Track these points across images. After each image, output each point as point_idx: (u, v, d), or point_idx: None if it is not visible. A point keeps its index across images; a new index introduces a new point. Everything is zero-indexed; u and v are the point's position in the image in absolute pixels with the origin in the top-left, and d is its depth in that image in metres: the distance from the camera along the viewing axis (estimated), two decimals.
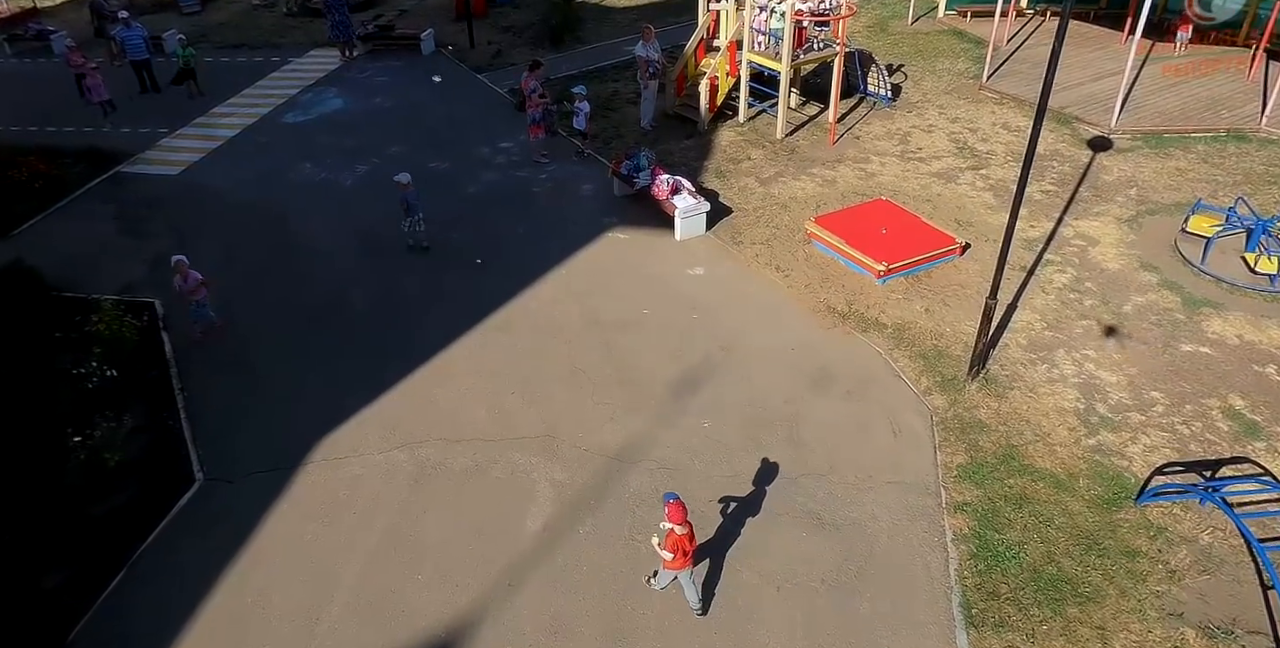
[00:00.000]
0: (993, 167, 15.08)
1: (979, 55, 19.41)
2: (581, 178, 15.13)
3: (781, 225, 13.50)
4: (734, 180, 14.82)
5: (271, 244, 13.67)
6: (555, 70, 19.48)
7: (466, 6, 21.66)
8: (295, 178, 15.60)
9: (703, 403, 10.20)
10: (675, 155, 15.68)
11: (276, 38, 22.70)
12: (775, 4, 15.26)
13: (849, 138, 16.20)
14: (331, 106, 18.41)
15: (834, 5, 15.58)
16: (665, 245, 13.19)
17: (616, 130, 16.72)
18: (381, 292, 12.37)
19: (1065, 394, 10.27)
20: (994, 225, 13.41)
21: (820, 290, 12.04)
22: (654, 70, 16.05)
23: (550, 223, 13.85)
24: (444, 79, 19.59)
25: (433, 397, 10.46)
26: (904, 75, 18.61)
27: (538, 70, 15.05)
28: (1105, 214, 13.73)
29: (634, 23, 22.43)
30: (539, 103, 15.04)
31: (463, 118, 17.54)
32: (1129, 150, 15.51)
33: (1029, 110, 16.88)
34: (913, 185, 14.56)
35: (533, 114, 15.18)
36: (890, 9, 22.53)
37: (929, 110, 17.12)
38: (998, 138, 16.00)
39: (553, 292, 12.21)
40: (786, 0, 15.32)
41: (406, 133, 17.00)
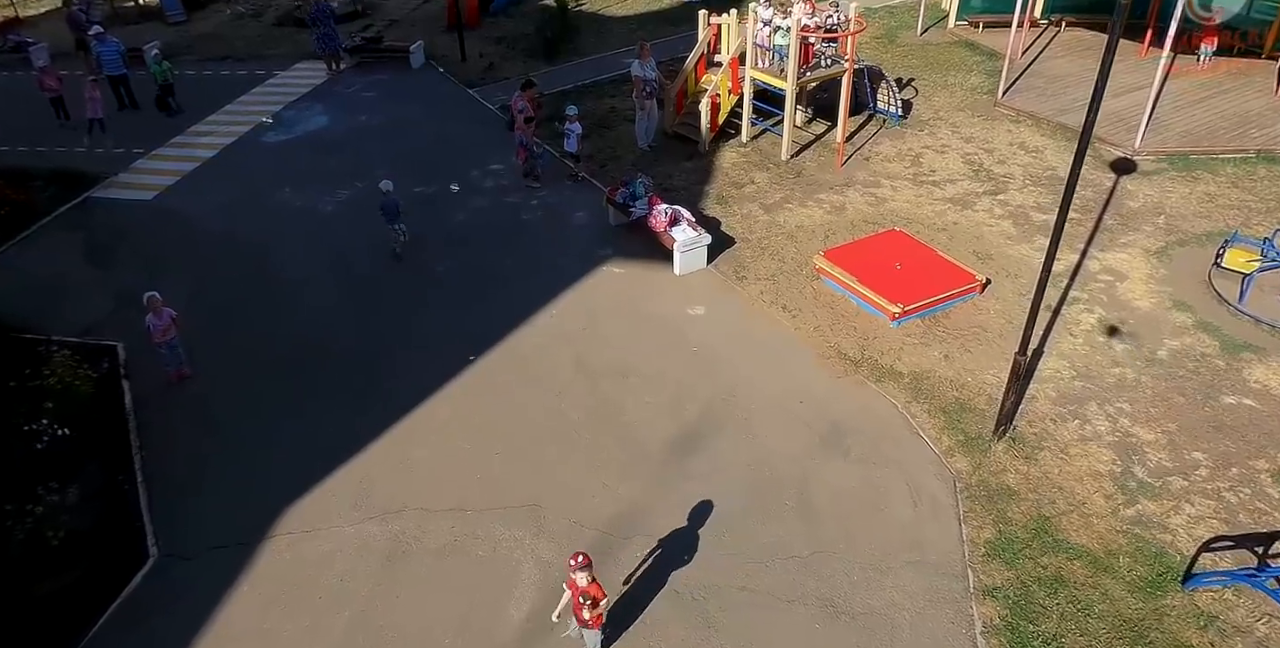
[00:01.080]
0: (1011, 191, 14.13)
1: (992, 68, 18.44)
2: (574, 204, 14.20)
3: (788, 258, 12.56)
4: (737, 207, 13.88)
5: (244, 279, 12.75)
6: (549, 85, 18.52)
7: (458, 17, 20.71)
8: (272, 204, 14.67)
9: (703, 465, 9.28)
10: (675, 178, 14.74)
11: (262, 49, 21.75)
12: (779, 19, 14.31)
13: (858, 159, 15.26)
14: (315, 125, 17.47)
15: (841, 21, 14.63)
16: (663, 281, 12.26)
17: (613, 151, 15.78)
18: (358, 333, 11.46)
19: (1100, 455, 9.34)
20: (1014, 258, 12.48)
21: (830, 333, 11.11)
22: (650, 90, 15.10)
23: (541, 255, 12.91)
24: (432, 93, 18.68)
25: (410, 457, 9.55)
26: (914, 90, 17.65)
27: (530, 90, 14.09)
28: (1133, 245, 12.79)
29: (632, 33, 21.46)
30: (528, 125, 14.11)
31: (451, 137, 16.60)
32: (1154, 173, 14.55)
33: (1046, 129, 15.93)
34: (926, 212, 13.62)
35: (519, 136, 14.25)
36: (899, 19, 21.54)
37: (941, 129, 16.16)
38: (1015, 159, 15.05)
39: (542, 334, 11.29)
40: (791, 15, 14.41)
41: (392, 154, 16.05)
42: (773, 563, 8.22)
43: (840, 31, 14.67)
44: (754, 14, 14.52)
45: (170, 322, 10.51)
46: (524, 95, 14.01)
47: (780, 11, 14.38)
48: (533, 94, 14.12)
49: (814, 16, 14.46)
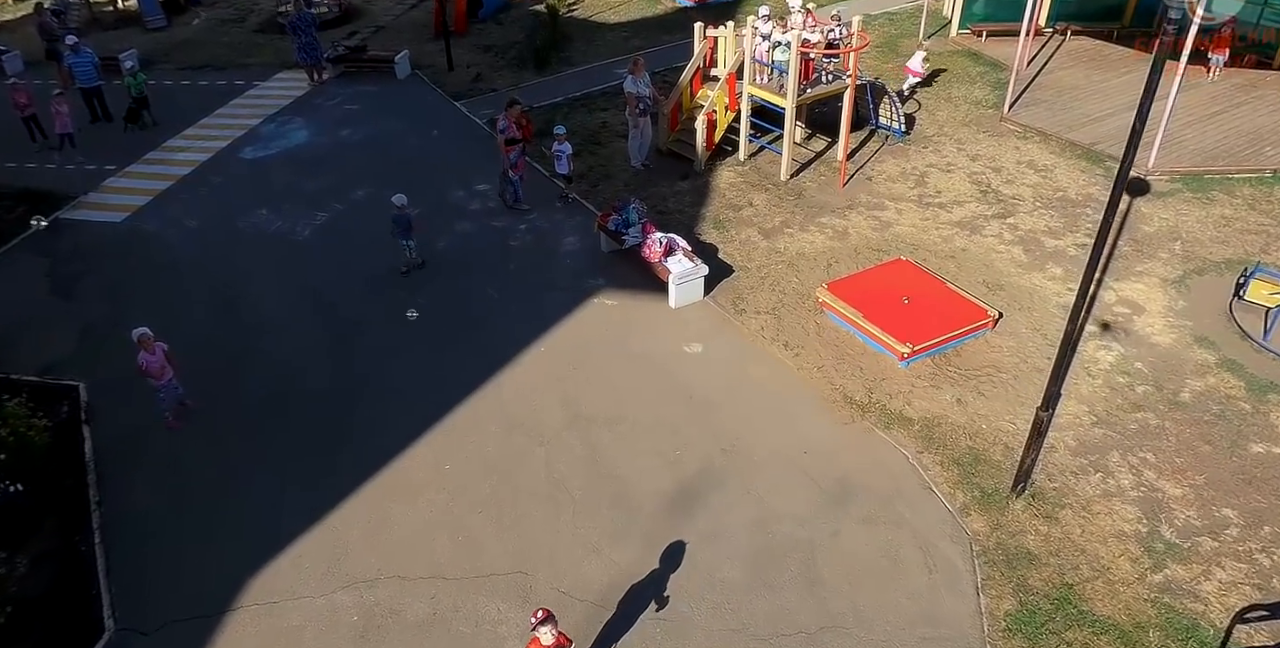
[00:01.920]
0: (1020, 214, 13.48)
1: (997, 80, 17.76)
2: (564, 229, 13.49)
3: (789, 289, 11.90)
4: (734, 232, 13.20)
5: (214, 311, 12.03)
6: (539, 97, 17.80)
7: (444, 24, 19.93)
8: (247, 228, 13.93)
9: (702, 526, 8.63)
10: (669, 200, 14.06)
11: (243, 57, 20.94)
12: (779, 34, 13.61)
13: (860, 178, 14.59)
14: (295, 140, 16.71)
15: (844, 35, 13.94)
16: (658, 315, 11.59)
17: (605, 170, 15.07)
18: (333, 377, 10.75)
19: (1124, 512, 8.72)
20: (1026, 288, 11.84)
21: (835, 374, 10.46)
22: (645, 107, 14.39)
23: (528, 286, 12.22)
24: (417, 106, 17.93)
25: (387, 517, 8.87)
26: (917, 103, 16.97)
27: (513, 109, 13.35)
28: (1149, 274, 12.15)
29: (626, 41, 20.73)
30: (511, 147, 13.38)
31: (436, 154, 15.87)
32: (1168, 194, 13.91)
33: (1055, 146, 15.26)
34: (933, 238, 12.96)
35: (506, 157, 13.53)
36: (900, 26, 20.83)
37: (946, 145, 15.49)
38: (1024, 179, 14.39)
39: (529, 376, 10.62)
40: (791, 30, 13.72)
41: (373, 172, 15.31)
42: (777, 640, 7.58)
43: (842, 47, 13.99)
44: (752, 28, 13.81)
45: (164, 358, 9.81)
46: (507, 115, 13.29)
47: (780, 25, 13.68)
48: (516, 113, 13.38)
49: (815, 31, 13.77)
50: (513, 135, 13.35)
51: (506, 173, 13.70)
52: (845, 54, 14.01)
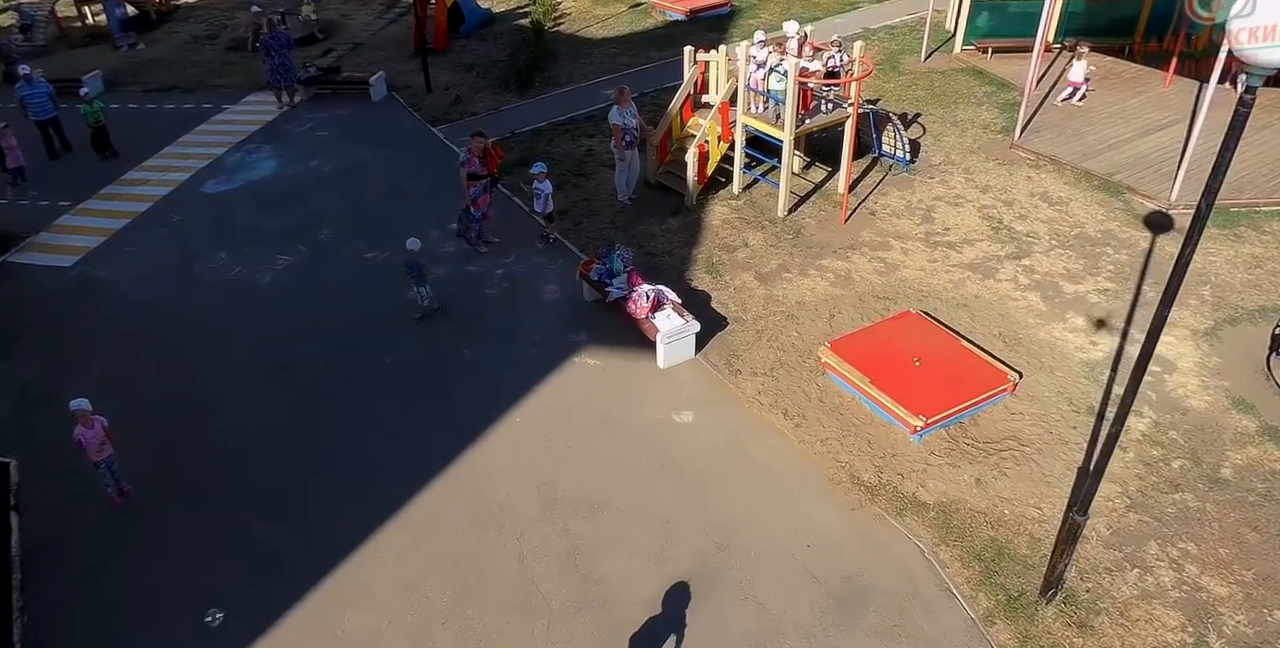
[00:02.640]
0: (1036, 255, 12.45)
1: (1004, 101, 16.71)
2: (545, 274, 12.43)
3: (788, 345, 10.87)
4: (729, 277, 12.17)
5: (165, 372, 10.98)
6: (521, 121, 16.75)
7: (423, 42, 18.82)
8: (205, 273, 12.87)
9: (694, 640, 7.61)
10: (658, 240, 13.01)
11: (213, 78, 19.84)
12: (774, 62, 12.56)
13: (863, 213, 13.55)
14: (261, 171, 15.63)
15: (845, 62, 12.88)
16: (645, 376, 10.55)
17: (589, 205, 14.01)
18: (287, 452, 9.69)
19: (1167, 618, 7.71)
20: (1046, 343, 10.81)
21: (841, 448, 9.43)
22: (631, 139, 13.34)
23: (504, 342, 11.18)
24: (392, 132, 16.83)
25: (339, 628, 7.84)
26: (921, 128, 15.92)
27: (477, 140, 12.26)
28: (1178, 324, 11.13)
29: (613, 59, 19.65)
30: (472, 182, 12.32)
31: (411, 188, 14.79)
32: None
33: (1070, 176, 14.22)
34: (943, 282, 11.94)
35: (471, 191, 12.48)
36: (900, 42, 19.76)
37: (954, 175, 14.45)
38: (1038, 213, 13.36)
39: (502, 452, 9.57)
40: (788, 57, 12.67)
41: (343, 208, 14.25)
42: None
43: (844, 76, 12.93)
44: (747, 55, 12.74)
45: (103, 434, 8.79)
46: (470, 147, 12.19)
47: (776, 51, 12.62)
48: (480, 146, 12.29)
49: (814, 59, 12.72)
50: (474, 170, 12.27)
51: (468, 209, 12.64)
52: (847, 83, 12.96)
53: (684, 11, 21.43)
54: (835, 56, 12.78)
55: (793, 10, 22.06)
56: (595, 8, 23.02)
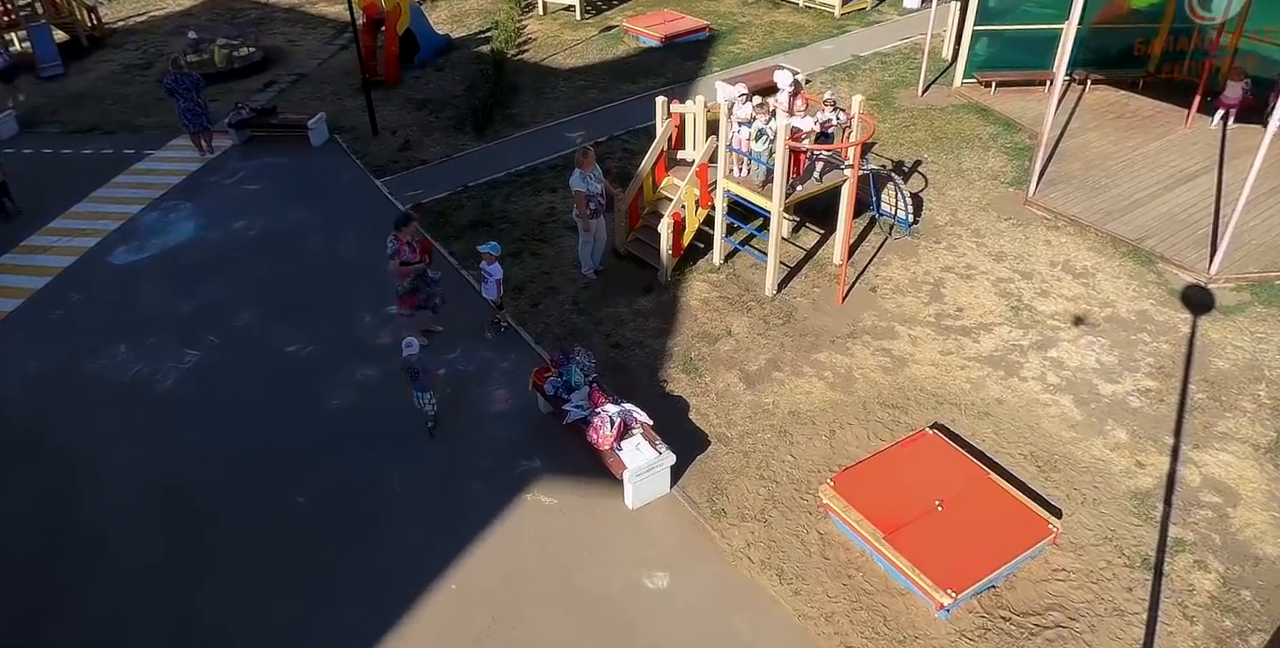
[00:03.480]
0: (1063, 343, 10.58)
1: (1011, 144, 14.83)
2: (494, 375, 10.41)
3: (781, 474, 8.95)
4: (709, 377, 10.22)
5: (37, 510, 8.89)
6: (475, 171, 14.69)
7: (366, 80, 16.58)
8: (99, 372, 10.77)
9: None
10: (626, 327, 11.04)
11: (139, 116, 17.62)
12: (761, 120, 10.61)
13: (862, 288, 11.63)
14: (177, 236, 13.49)
15: (842, 120, 10.93)
16: (611, 520, 8.58)
17: (549, 279, 12.01)
18: (166, 632, 7.70)
19: None
20: (1086, 465, 8.95)
21: (850, 626, 7.51)
22: (596, 206, 11.36)
23: (442, 470, 9.16)
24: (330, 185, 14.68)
25: None
26: (923, 179, 14.00)
27: (405, 230, 10.19)
28: (1234, 437, 9.30)
29: (581, 93, 17.59)
30: (408, 269, 10.32)
31: (347, 257, 12.70)
32: (1238, 311, 11.05)
33: (1093, 240, 12.34)
34: (959, 383, 10.04)
35: (398, 285, 10.47)
36: (894, 72, 17.82)
37: (962, 239, 12.55)
38: (1061, 289, 11.49)
39: (431, 632, 7.59)
40: (775, 109, 10.74)
41: (267, 284, 12.17)
42: None
43: (840, 139, 10.97)
44: (727, 110, 10.78)
45: None
46: (399, 235, 10.13)
47: (762, 111, 10.65)
48: (413, 232, 10.23)
49: (806, 116, 10.77)
50: (406, 258, 10.23)
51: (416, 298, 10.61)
52: (844, 148, 11.02)
53: (659, 38, 19.39)
54: (831, 114, 10.82)
55: (775, 36, 20.08)
56: (563, 32, 20.93)
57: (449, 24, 21.66)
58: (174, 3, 24.90)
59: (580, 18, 21.46)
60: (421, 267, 10.42)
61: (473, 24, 21.62)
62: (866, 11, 21.22)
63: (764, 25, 20.73)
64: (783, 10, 21.64)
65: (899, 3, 21.59)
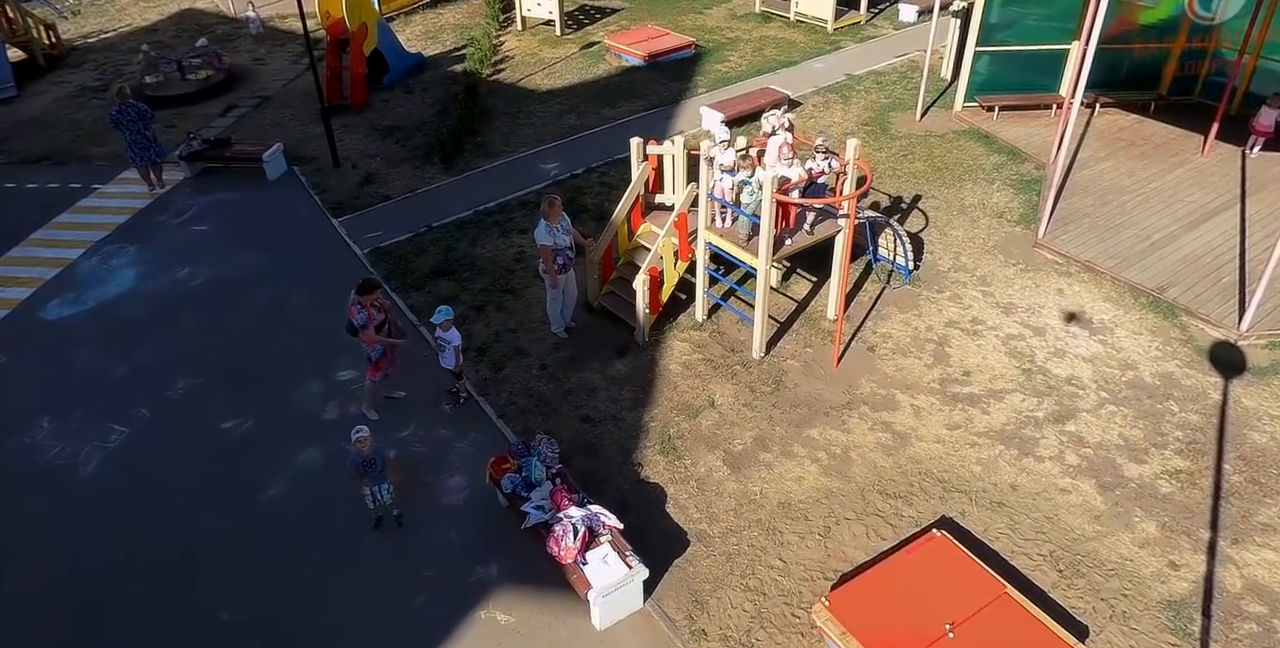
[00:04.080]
0: (1082, 414, 9.43)
1: (1018, 177, 13.65)
2: (451, 458, 9.19)
3: (770, 584, 7.79)
4: (689, 458, 9.06)
5: None
6: (440, 210, 13.47)
7: (325, 109, 15.18)
8: (15, 453, 9.51)
9: None
10: (598, 397, 9.86)
11: (90, 145, 16.35)
12: (745, 173, 9.42)
13: (860, 348, 10.46)
14: (116, 286, 12.26)
15: (834, 167, 9.74)
16: (577, 644, 7.45)
17: (515, 337, 10.82)
18: None
19: None
20: (1112, 566, 7.81)
21: None
22: (564, 261, 10.18)
23: (384, 581, 7.95)
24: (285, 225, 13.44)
25: None
26: (923, 216, 12.82)
27: (371, 296, 9.03)
28: (1276, 529, 8.17)
29: (558, 118, 16.37)
30: (376, 338, 9.15)
31: (295, 311, 11.50)
32: (1272, 372, 9.88)
33: (1109, 289, 11.18)
34: (968, 465, 8.89)
35: (370, 351, 9.31)
36: (890, 94, 16.59)
37: (967, 287, 11.38)
38: (1077, 347, 10.33)
39: None
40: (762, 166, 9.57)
41: (207, 344, 10.94)
42: None
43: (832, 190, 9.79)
44: (706, 158, 9.59)
45: None
46: (363, 301, 8.97)
47: (745, 162, 9.44)
48: (376, 299, 9.06)
49: (794, 164, 9.58)
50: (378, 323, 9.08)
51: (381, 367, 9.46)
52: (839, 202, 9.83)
53: (642, 56, 18.14)
54: (822, 161, 9.64)
55: (765, 53, 18.84)
56: (542, 49, 19.67)
57: (422, 41, 20.39)
58: (139, 18, 23.60)
59: (560, 33, 20.20)
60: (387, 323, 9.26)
61: (447, 40, 20.35)
62: (861, 26, 20.00)
63: (753, 41, 19.49)
64: (773, 25, 20.39)
65: (894, 16, 20.38)
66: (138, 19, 23.53)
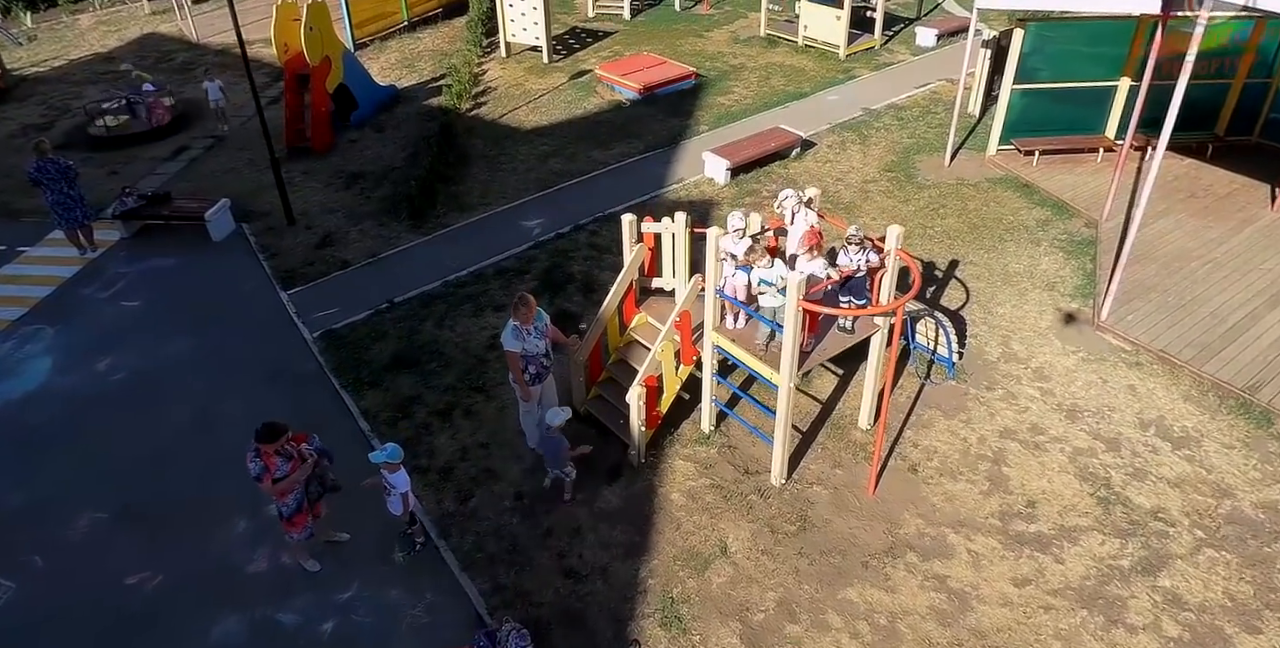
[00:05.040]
0: (1176, 562, 7.55)
1: (1067, 237, 11.76)
2: (401, 632, 7.19)
3: None
4: (697, 630, 7.12)
5: None
6: (404, 280, 11.54)
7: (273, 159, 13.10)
8: None
9: None
10: (584, 540, 7.93)
11: (20, 199, 14.30)
12: (764, 267, 7.52)
13: (899, 468, 8.56)
14: (25, 382, 10.28)
15: (872, 263, 7.83)
16: None
17: (486, 455, 8.90)
18: None
19: None
20: None
21: None
22: (537, 370, 8.28)
23: None
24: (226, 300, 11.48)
25: None
26: (962, 288, 10.92)
27: (274, 443, 7.08)
28: None
29: (543, 163, 14.45)
30: (285, 487, 7.23)
31: (227, 421, 9.43)
32: None
33: (1190, 386, 9.23)
34: (1045, 638, 6.96)
35: (280, 506, 7.40)
36: (912, 132, 14.67)
37: (1022, 383, 9.48)
38: (1159, 464, 8.45)
39: None
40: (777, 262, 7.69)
41: (119, 469, 8.92)
42: None
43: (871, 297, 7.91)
44: (715, 245, 7.69)
45: None
46: (264, 451, 7.03)
47: (758, 255, 7.53)
48: (282, 446, 7.12)
49: (817, 257, 7.68)
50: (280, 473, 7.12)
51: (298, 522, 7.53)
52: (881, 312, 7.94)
53: (638, 88, 16.22)
54: (858, 256, 7.73)
55: (772, 82, 16.92)
56: (528, 79, 17.74)
57: (397, 70, 18.46)
58: (98, 43, 21.64)
59: (548, 61, 18.28)
60: (308, 468, 7.34)
61: (425, 69, 18.41)
62: (875, 51, 18.08)
63: (759, 69, 17.57)
64: (780, 50, 18.47)
65: (911, 40, 18.46)
66: (96, 45, 21.57)
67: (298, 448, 7.25)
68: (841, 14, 17.33)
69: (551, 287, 11.19)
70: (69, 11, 24.36)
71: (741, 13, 21.09)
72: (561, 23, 20.64)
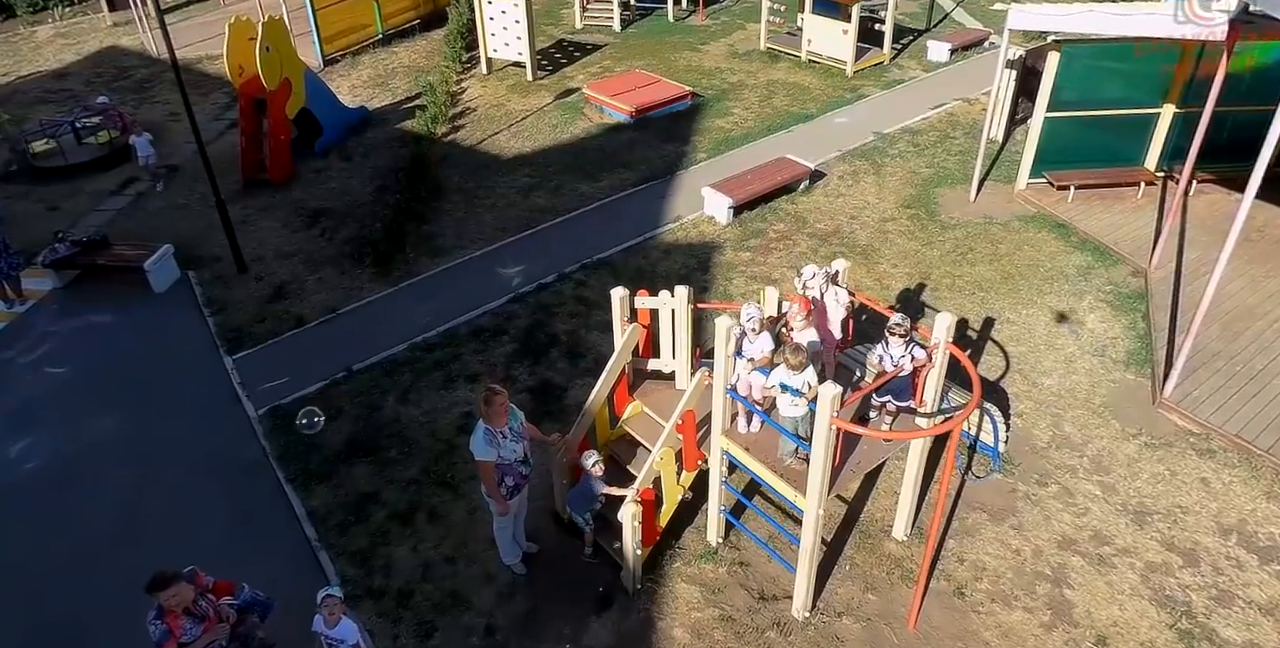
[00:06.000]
0: None
1: (1112, 287, 10.30)
2: None
3: None
4: None
5: None
6: (367, 344, 9.97)
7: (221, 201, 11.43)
8: None
9: None
10: None
11: None
12: (787, 373, 6.01)
13: (942, 587, 7.08)
14: None
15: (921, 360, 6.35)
16: None
17: (451, 572, 7.33)
18: None
19: None
20: None
21: None
22: (516, 481, 6.79)
23: None
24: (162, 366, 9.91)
25: None
26: (1000, 352, 9.45)
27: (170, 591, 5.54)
28: None
29: (524, 198, 12.89)
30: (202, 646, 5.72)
31: (152, 523, 7.86)
32: None
33: (1274, 480, 7.83)
34: None
35: None
36: (931, 161, 13.14)
37: (1078, 477, 8.02)
38: (1248, 585, 7.01)
39: None
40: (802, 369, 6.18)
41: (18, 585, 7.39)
42: None
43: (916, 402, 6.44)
44: (726, 336, 6.20)
45: None
46: (167, 611, 5.50)
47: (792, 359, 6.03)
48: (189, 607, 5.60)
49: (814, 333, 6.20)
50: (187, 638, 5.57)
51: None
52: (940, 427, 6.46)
53: (629, 111, 14.65)
54: (902, 351, 6.23)
55: (774, 102, 15.38)
56: (510, 98, 16.15)
57: (369, 89, 16.82)
58: (54, 58, 19.91)
59: (532, 78, 16.69)
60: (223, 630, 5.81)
61: (400, 88, 16.79)
62: (884, 66, 16.55)
63: (759, 87, 16.02)
64: (782, 65, 16.90)
65: (922, 55, 16.94)
66: (51, 60, 19.82)
67: (215, 604, 5.74)
68: (849, 28, 15.78)
69: (533, 351, 9.67)
70: (27, 22, 22.61)
71: (739, 24, 19.51)
72: (547, 35, 19.04)
